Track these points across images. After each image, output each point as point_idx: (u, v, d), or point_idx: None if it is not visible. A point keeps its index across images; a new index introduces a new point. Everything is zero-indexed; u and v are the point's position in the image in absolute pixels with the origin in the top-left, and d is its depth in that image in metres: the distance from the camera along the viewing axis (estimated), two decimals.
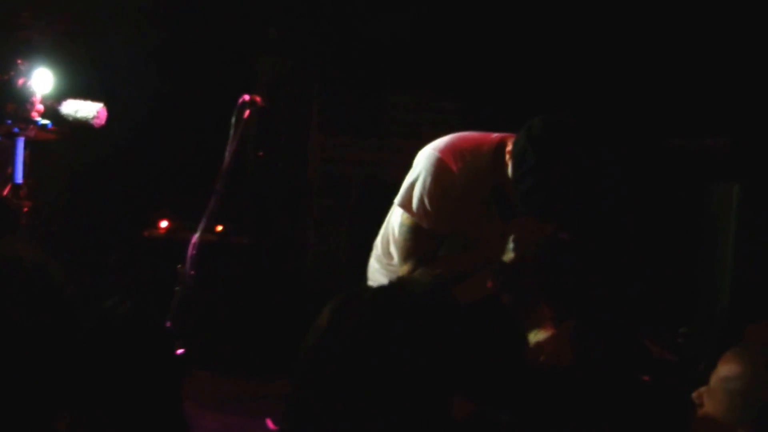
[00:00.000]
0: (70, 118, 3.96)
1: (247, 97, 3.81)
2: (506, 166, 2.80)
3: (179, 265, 3.98)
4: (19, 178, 4.38)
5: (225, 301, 5.87)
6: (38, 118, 4.02)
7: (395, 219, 3.08)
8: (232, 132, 3.84)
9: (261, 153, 6.10)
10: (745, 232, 3.86)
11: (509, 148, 2.79)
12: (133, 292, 4.81)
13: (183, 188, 5.73)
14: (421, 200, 2.92)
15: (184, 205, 5.19)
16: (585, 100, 5.38)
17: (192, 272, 3.98)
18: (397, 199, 3.00)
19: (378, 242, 3.25)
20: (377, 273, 3.26)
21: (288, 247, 6.47)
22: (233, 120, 3.83)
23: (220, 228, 5.79)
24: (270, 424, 4.25)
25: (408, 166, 3.07)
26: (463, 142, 2.97)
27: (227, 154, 3.88)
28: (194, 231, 4.04)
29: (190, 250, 3.97)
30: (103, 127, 4.01)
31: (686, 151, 5.36)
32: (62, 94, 4.09)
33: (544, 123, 2.67)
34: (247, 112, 3.82)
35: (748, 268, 3.79)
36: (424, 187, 2.91)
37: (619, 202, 2.81)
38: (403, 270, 3.01)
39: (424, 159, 2.97)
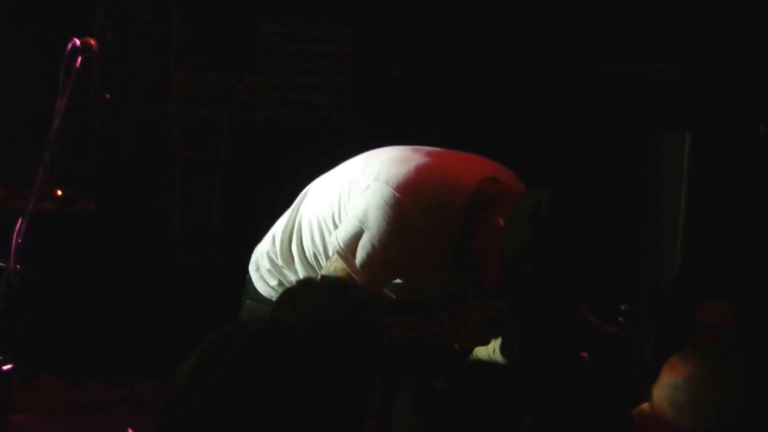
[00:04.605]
0: None
1: (77, 42, 3.44)
2: (481, 224, 2.50)
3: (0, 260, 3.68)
4: None
5: (70, 286, 5.41)
6: None
7: (311, 213, 2.67)
8: (61, 88, 3.48)
9: (108, 95, 5.66)
10: (697, 190, 3.46)
11: (501, 222, 2.46)
12: None
13: (14, 146, 5.30)
14: (370, 256, 2.47)
15: (18, 168, 4.79)
16: (503, 23, 5.48)
17: (18, 267, 3.60)
18: (336, 246, 2.53)
19: (278, 231, 2.79)
20: (267, 276, 2.81)
21: (146, 212, 5.98)
22: (61, 73, 3.48)
23: (60, 193, 5.43)
24: None
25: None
26: (429, 182, 2.50)
27: (56, 115, 3.50)
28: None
29: (15, 239, 3.60)
30: None
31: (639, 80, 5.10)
32: None
33: (552, 208, 2.44)
34: (79, 60, 3.43)
35: (699, 234, 3.46)
36: (377, 240, 2.45)
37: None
38: None
39: (377, 198, 2.47)
